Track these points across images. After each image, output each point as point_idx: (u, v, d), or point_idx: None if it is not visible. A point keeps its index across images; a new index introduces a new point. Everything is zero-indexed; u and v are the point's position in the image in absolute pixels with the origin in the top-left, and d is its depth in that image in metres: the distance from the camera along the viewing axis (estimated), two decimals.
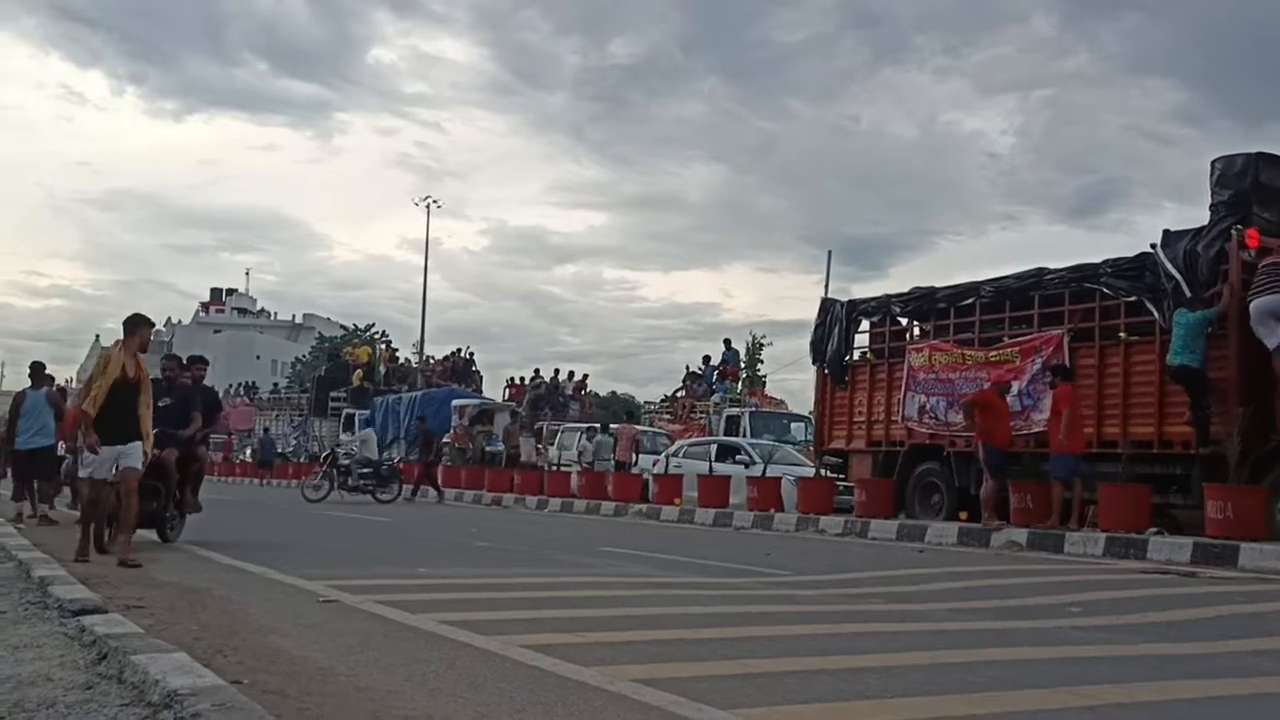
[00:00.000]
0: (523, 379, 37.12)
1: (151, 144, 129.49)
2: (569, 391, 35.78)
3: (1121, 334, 13.40)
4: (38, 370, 13.66)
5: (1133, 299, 13.26)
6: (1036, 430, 13.95)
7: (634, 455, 23.36)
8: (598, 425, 26.32)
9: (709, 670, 4.53)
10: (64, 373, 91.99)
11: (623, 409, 42.72)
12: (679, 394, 31.07)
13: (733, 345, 31.78)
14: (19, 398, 13.52)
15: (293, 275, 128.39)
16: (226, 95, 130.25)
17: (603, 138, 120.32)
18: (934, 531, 13.79)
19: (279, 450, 40.35)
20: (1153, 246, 13.05)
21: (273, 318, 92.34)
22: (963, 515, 14.24)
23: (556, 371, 36.93)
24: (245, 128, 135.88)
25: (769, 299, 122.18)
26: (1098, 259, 13.92)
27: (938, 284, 16.28)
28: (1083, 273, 13.83)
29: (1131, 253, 13.52)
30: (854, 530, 14.77)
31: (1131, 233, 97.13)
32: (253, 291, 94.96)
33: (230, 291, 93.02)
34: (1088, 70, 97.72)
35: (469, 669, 4.48)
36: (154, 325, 9.27)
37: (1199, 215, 13.15)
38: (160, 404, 9.68)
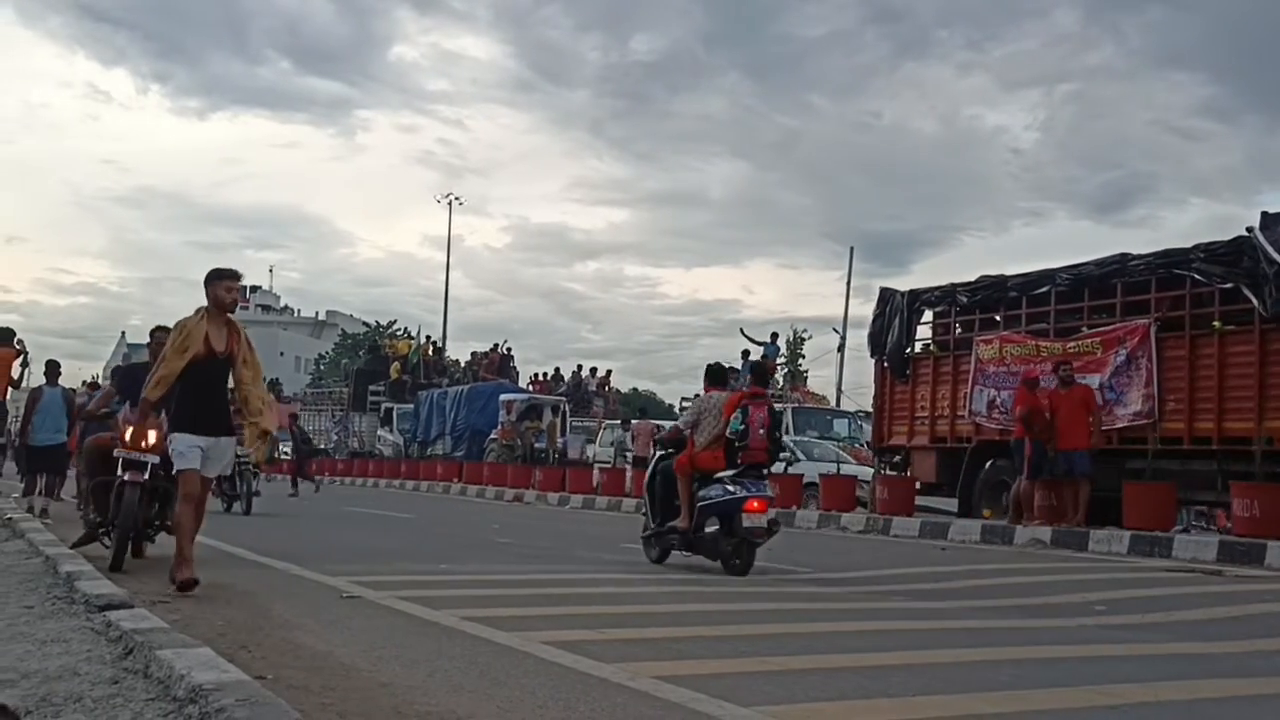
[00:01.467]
0: (545, 375, 36.89)
1: (176, 142, 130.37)
2: (592, 388, 35.64)
3: (1216, 324, 12.58)
4: (53, 369, 13.93)
5: (1229, 286, 12.43)
6: (1120, 426, 13.37)
7: (652, 450, 23.12)
8: (618, 421, 26.14)
9: (730, 667, 4.52)
10: (91, 369, 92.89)
11: (644, 405, 42.51)
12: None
13: (777, 340, 30.28)
14: (35, 394, 13.80)
15: (316, 272, 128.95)
16: (250, 93, 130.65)
17: (624, 134, 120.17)
18: (957, 529, 13.73)
19: (320, 446, 38.93)
20: (1249, 230, 12.28)
21: (296, 315, 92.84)
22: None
23: (579, 368, 36.87)
24: (268, 125, 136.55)
25: (791, 296, 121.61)
26: (1116, 252, 13.56)
27: (1007, 272, 15.49)
28: (1171, 258, 13.12)
29: (1158, 247, 13.22)
30: (876, 527, 14.72)
31: (1157, 228, 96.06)
32: (276, 289, 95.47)
33: (254, 289, 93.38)
34: (1112, 64, 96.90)
35: (491, 665, 4.49)
36: (239, 277, 6.90)
37: (1226, 211, 13.09)
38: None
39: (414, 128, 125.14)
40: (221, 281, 6.73)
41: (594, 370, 37.11)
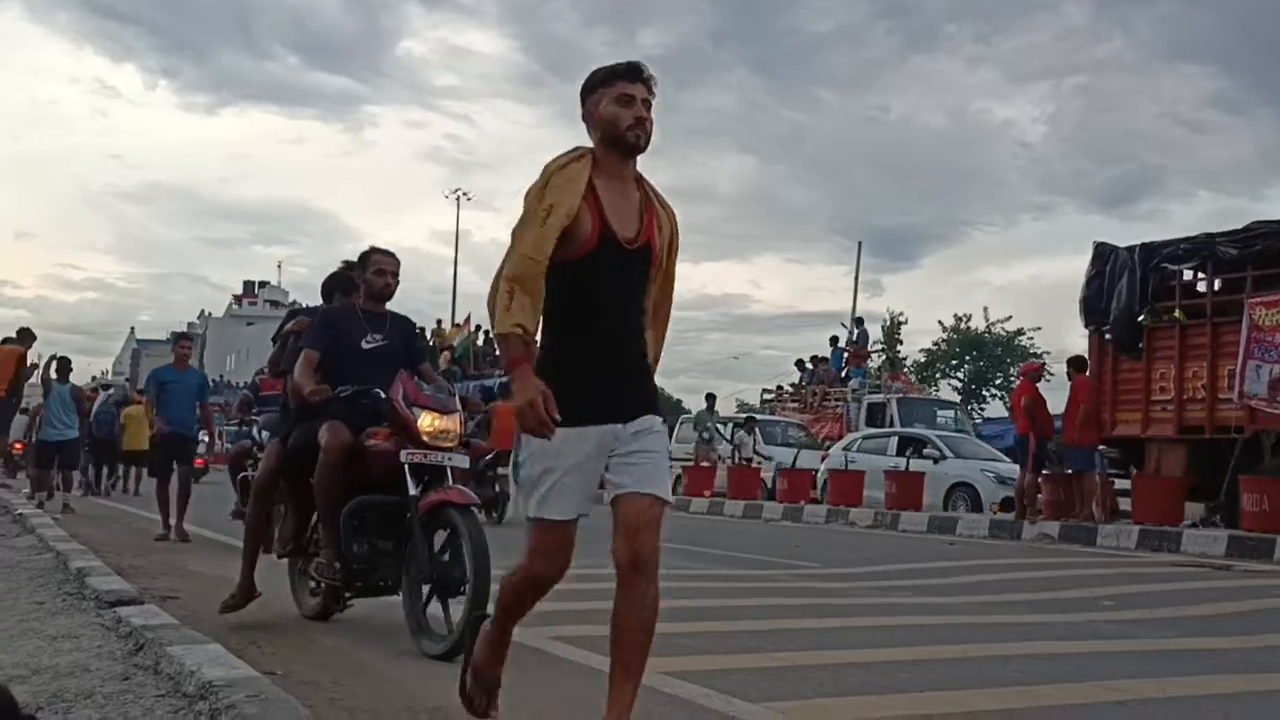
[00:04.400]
0: None
1: (184, 137, 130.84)
2: None
3: None
4: (64, 365, 14.01)
5: None
6: None
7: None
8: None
9: (738, 663, 4.53)
10: (100, 364, 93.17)
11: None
12: (802, 383, 27.29)
13: (864, 324, 27.80)
14: (46, 390, 13.95)
15: (324, 268, 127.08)
16: (258, 88, 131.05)
17: None
18: (965, 524, 13.73)
19: None
20: None
21: (304, 309, 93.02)
22: None
23: None
24: (276, 121, 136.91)
25: (799, 291, 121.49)
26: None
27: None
28: None
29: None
30: (884, 522, 14.71)
31: (1165, 222, 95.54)
32: (284, 284, 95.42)
33: (263, 284, 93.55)
34: (1122, 57, 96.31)
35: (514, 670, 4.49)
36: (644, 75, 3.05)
37: (1234, 204, 12.79)
38: (367, 342, 5.36)
39: (422, 123, 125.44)
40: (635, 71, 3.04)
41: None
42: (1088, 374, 13.53)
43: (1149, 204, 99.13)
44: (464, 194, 51.83)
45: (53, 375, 14.00)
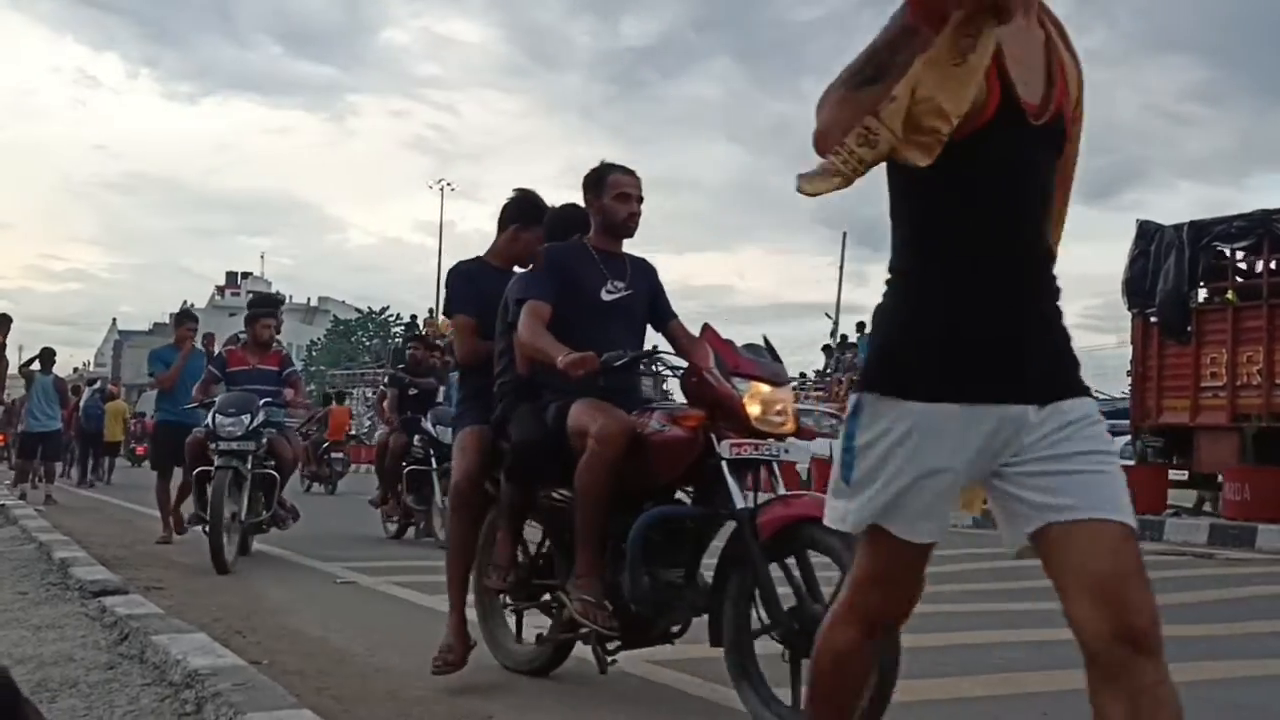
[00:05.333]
0: None
1: (167, 127, 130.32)
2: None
3: None
4: (47, 356, 13.97)
5: None
6: None
7: None
8: None
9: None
10: (81, 355, 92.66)
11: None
12: (827, 370, 26.51)
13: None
14: (28, 381, 13.91)
15: (307, 258, 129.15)
16: (240, 78, 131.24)
17: (617, 119, 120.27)
18: (953, 514, 13.74)
19: (352, 433, 37.99)
20: None
21: (289, 301, 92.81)
22: None
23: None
24: (260, 110, 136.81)
25: (784, 282, 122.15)
26: (1118, 242, 12.86)
27: None
28: None
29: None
30: None
31: (1148, 213, 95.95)
32: (268, 274, 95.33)
33: (246, 275, 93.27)
34: (1104, 48, 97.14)
35: (485, 650, 4.49)
36: None
37: (1215, 195, 12.65)
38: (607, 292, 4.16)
39: (405, 112, 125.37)
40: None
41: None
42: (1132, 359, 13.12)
43: (1132, 195, 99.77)
44: (448, 184, 51.64)
45: (35, 367, 13.95)
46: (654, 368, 4.04)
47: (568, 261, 3.91)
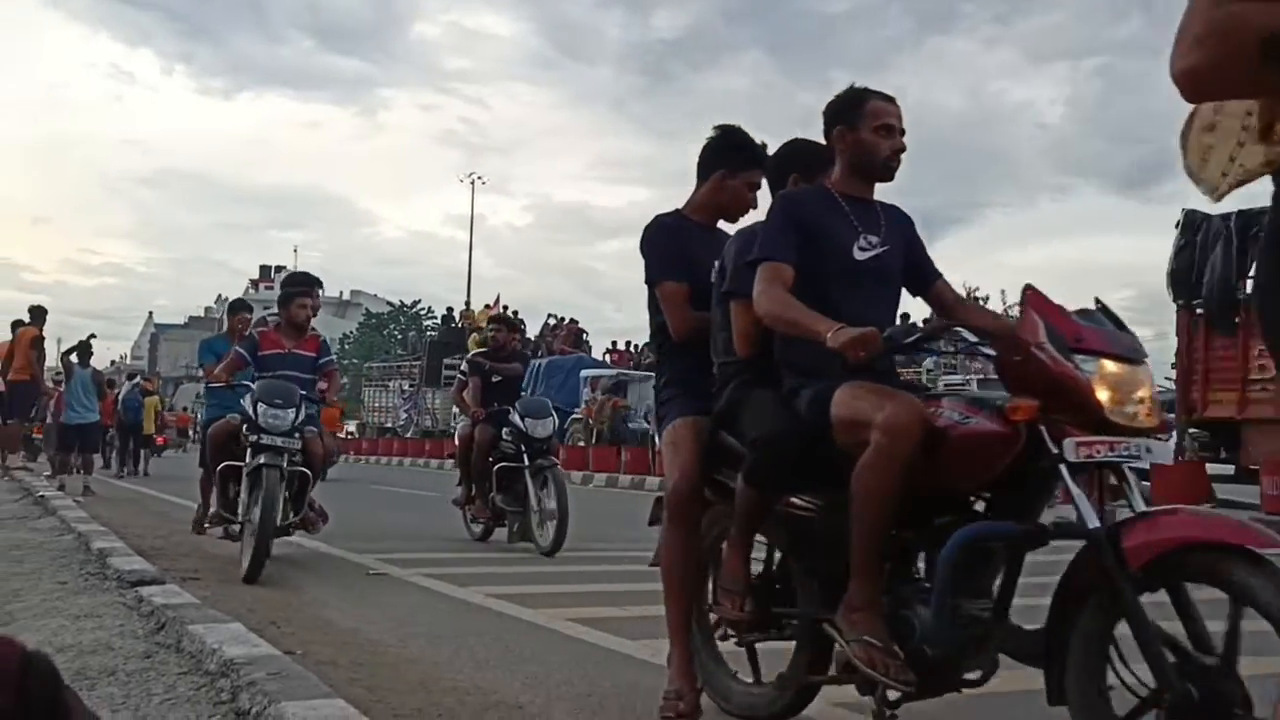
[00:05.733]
0: (632, 345, 31.90)
1: (200, 122, 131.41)
2: None
3: None
4: (85, 349, 14.17)
5: None
6: None
7: None
8: None
9: None
10: (118, 349, 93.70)
11: None
12: None
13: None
14: (68, 374, 14.11)
15: (339, 252, 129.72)
16: (273, 73, 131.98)
17: (646, 111, 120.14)
18: None
19: (389, 425, 37.13)
20: None
21: (321, 294, 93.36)
22: None
23: (613, 343, 34.94)
24: (291, 105, 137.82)
25: None
26: (1155, 233, 12.47)
27: None
28: None
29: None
30: None
31: (1187, 204, 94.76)
32: (300, 268, 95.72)
33: (279, 268, 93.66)
34: (1141, 37, 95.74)
35: (516, 641, 4.53)
36: None
37: (1255, 186, 12.39)
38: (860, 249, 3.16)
39: (435, 106, 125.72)
40: None
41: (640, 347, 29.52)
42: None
43: (1170, 186, 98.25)
44: (478, 178, 51.60)
45: (74, 359, 14.15)
46: (950, 345, 3.35)
47: (809, 212, 3.12)
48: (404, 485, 19.12)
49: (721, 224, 3.60)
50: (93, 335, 14.87)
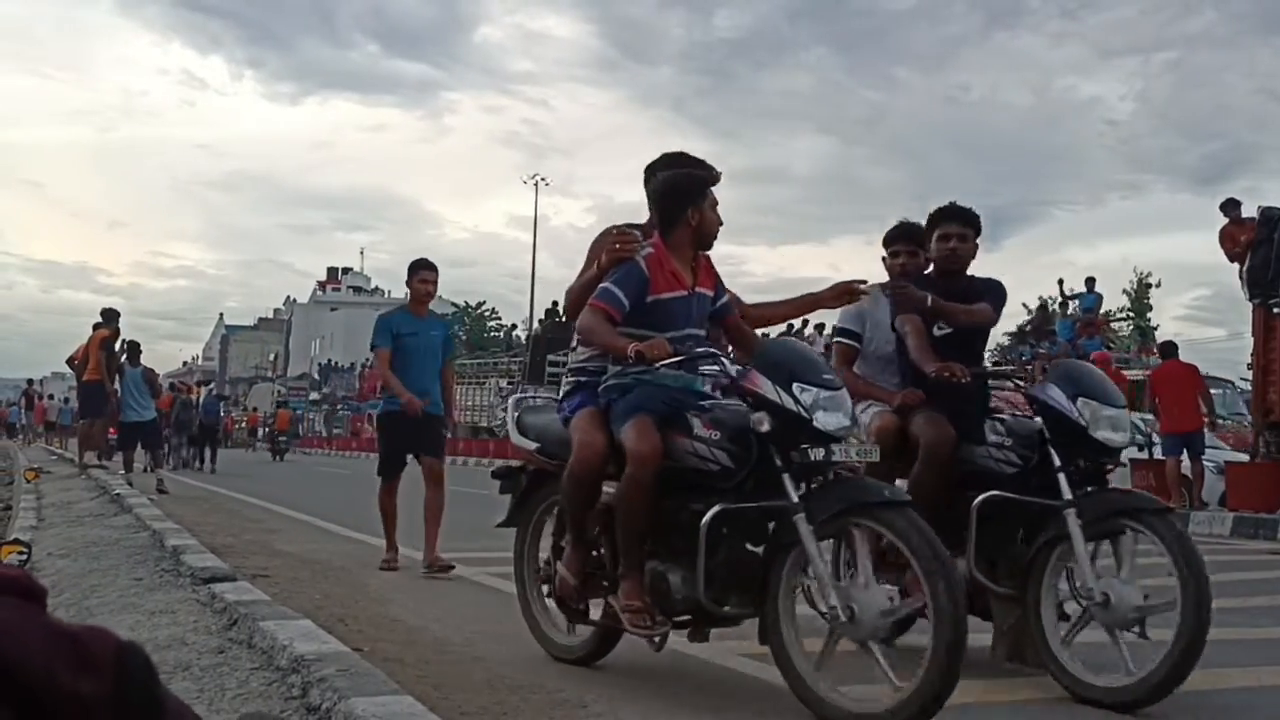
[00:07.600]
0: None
1: (268, 126, 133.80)
2: (819, 348, 31.46)
3: None
4: (134, 349, 14.55)
5: None
6: None
7: None
8: None
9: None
10: (190, 350, 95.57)
11: None
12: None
13: (1096, 287, 22.66)
14: (120, 374, 14.47)
15: (405, 253, 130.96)
16: (339, 77, 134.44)
17: (708, 111, 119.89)
18: None
19: (483, 425, 35.58)
20: None
21: (387, 295, 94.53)
22: None
23: (789, 327, 31.91)
24: (357, 109, 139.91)
25: (879, 274, 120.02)
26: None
27: None
28: None
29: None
30: None
31: (1262, 200, 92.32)
32: (367, 270, 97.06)
33: (346, 270, 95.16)
34: (1214, 30, 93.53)
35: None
36: None
37: None
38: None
39: (499, 108, 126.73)
40: None
41: (820, 327, 24.34)
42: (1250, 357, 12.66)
43: (1244, 182, 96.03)
44: (542, 179, 51.87)
45: (124, 360, 14.47)
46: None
47: None
48: (485, 487, 19.24)
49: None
50: (124, 341, 15.01)
